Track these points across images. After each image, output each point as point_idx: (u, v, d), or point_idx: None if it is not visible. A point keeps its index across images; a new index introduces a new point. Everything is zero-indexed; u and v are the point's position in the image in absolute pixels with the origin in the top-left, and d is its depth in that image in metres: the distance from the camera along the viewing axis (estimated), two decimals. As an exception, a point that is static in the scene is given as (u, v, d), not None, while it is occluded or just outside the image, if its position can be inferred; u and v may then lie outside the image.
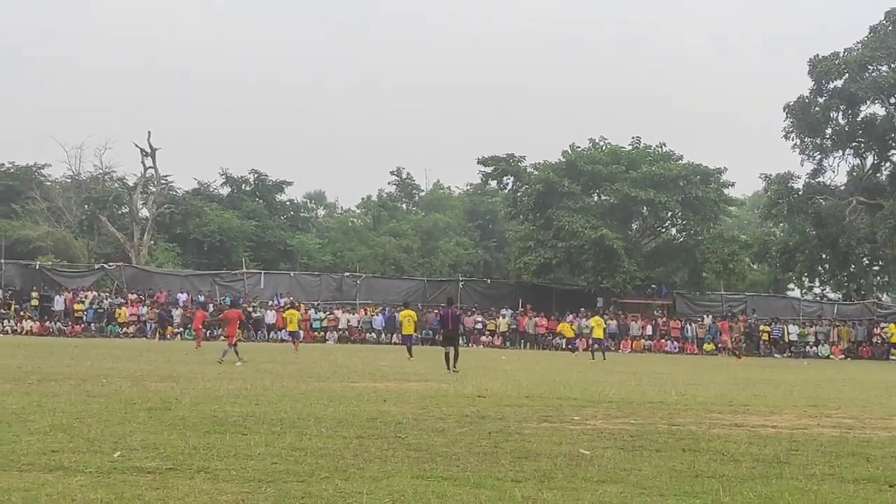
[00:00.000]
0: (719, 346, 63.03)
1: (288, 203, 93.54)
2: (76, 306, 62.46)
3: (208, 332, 56.89)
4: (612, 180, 70.17)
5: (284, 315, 54.03)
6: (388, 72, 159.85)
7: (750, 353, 64.14)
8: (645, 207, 72.01)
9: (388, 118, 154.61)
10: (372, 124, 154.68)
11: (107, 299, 63.85)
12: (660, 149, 73.78)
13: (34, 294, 62.74)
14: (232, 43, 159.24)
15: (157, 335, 60.74)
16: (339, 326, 64.53)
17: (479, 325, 65.42)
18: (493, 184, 79.52)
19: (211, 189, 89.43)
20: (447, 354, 33.44)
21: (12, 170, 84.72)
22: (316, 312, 64.20)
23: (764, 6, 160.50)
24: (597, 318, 52.25)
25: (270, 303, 65.40)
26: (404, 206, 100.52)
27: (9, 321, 60.43)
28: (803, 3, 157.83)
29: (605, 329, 52.99)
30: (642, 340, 65.48)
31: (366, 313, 66.30)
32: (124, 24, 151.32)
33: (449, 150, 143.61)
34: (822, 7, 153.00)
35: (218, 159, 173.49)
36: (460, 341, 38.92)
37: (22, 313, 61.33)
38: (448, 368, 32.62)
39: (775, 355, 63.61)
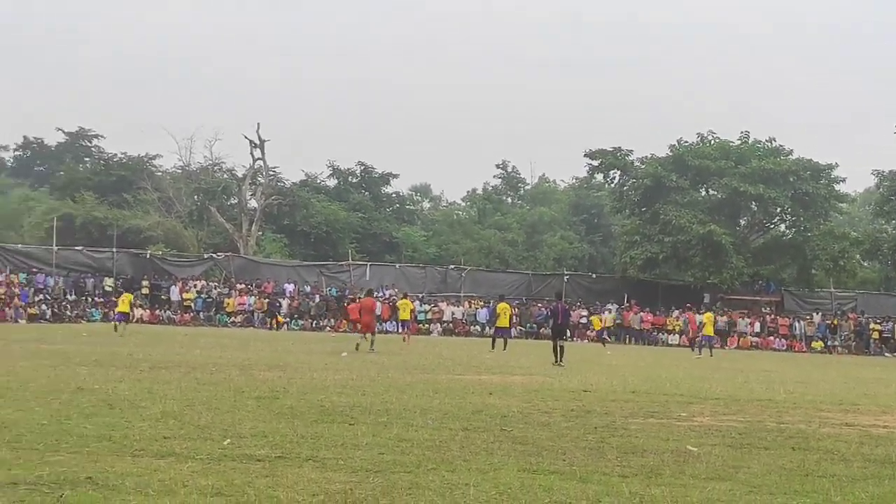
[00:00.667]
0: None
1: (394, 195, 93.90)
2: (185, 295, 63.46)
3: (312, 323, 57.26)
4: (721, 175, 69.34)
5: (398, 304, 54.29)
6: (495, 64, 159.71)
7: (861, 351, 63.13)
8: (754, 203, 71.01)
9: (494, 111, 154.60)
10: (478, 116, 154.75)
11: (215, 289, 64.77)
12: (769, 143, 72.73)
13: (144, 283, 63.83)
14: (339, 40, 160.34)
15: (274, 323, 61.59)
16: (444, 319, 64.72)
17: (584, 320, 65.07)
18: (600, 177, 79.14)
19: (318, 181, 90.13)
20: (555, 347, 33.96)
21: (125, 160, 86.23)
22: (421, 305, 64.37)
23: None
24: (709, 314, 51.76)
25: (376, 294, 65.77)
26: (509, 199, 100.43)
27: (120, 308, 61.58)
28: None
29: (715, 325, 52.64)
30: (749, 337, 64.67)
31: (470, 306, 66.37)
32: (236, 19, 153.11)
33: (555, 143, 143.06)
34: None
35: (325, 151, 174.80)
36: (568, 336, 39.33)
37: (133, 301, 62.40)
38: (555, 361, 33.00)
39: (886, 354, 62.44)
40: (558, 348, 33.78)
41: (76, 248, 65.65)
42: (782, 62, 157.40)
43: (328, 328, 61.77)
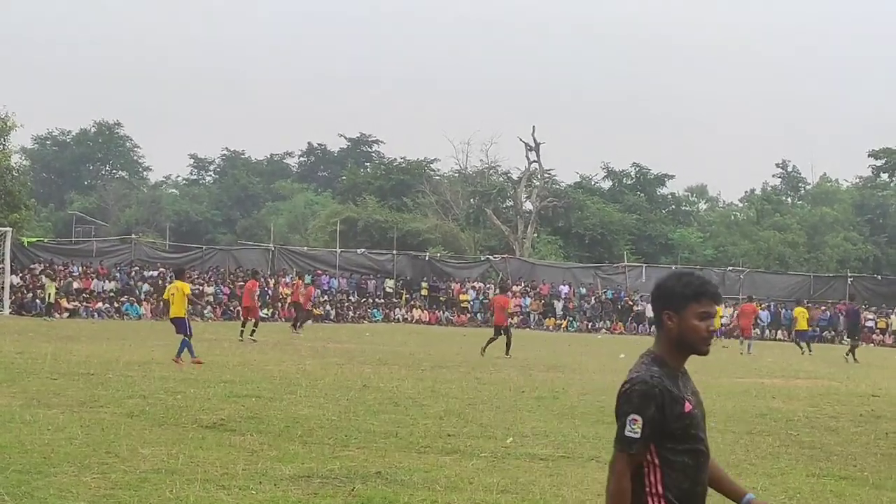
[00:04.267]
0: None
1: (669, 197, 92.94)
2: (462, 297, 64.45)
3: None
4: None
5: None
6: (771, 66, 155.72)
7: None
8: None
9: (773, 109, 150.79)
10: (757, 116, 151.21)
11: (492, 291, 65.54)
12: None
13: (423, 284, 65.13)
14: (612, 41, 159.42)
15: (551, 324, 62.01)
16: (723, 322, 63.50)
17: (871, 324, 62.69)
18: (885, 176, 76.36)
19: (593, 182, 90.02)
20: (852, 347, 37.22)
21: (404, 164, 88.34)
22: (698, 307, 63.31)
23: None
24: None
25: (652, 296, 65.25)
26: (789, 199, 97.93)
27: (400, 309, 63.06)
28: None
29: None
30: None
31: (749, 308, 64.92)
32: (510, 27, 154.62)
33: (837, 142, 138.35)
34: None
35: (600, 153, 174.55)
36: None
37: (412, 303, 63.87)
38: (847, 359, 35.53)
39: None
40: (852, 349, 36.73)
41: (358, 250, 67.58)
42: None
43: (603, 330, 61.67)
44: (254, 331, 33.77)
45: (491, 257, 71.04)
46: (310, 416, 14.44)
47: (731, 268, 71.59)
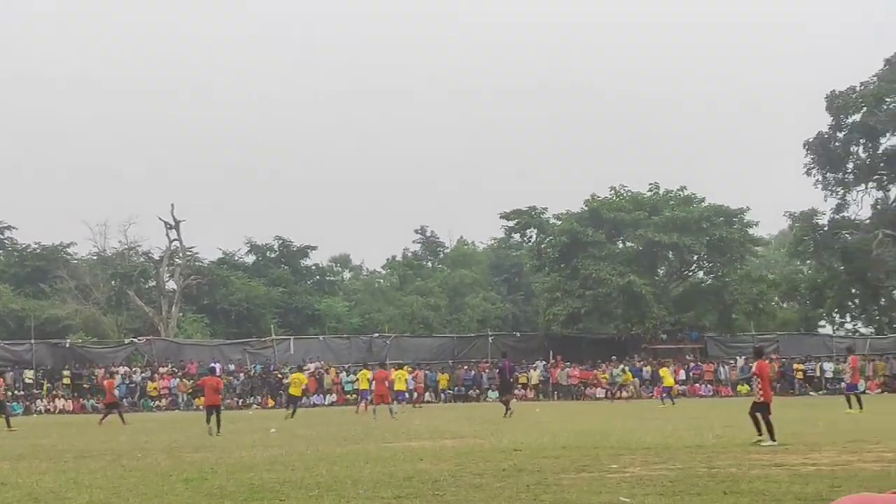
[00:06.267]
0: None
1: (314, 268, 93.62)
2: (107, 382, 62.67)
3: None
4: (636, 226, 70.06)
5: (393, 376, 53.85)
6: (405, 130, 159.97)
7: (786, 392, 63.56)
8: (670, 252, 71.70)
9: (410, 177, 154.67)
10: (393, 185, 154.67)
11: (138, 374, 64.01)
12: (681, 193, 73.58)
13: (66, 372, 62.88)
14: (248, 110, 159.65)
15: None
16: (371, 388, 64.33)
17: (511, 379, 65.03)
18: (517, 237, 79.77)
19: (236, 258, 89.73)
20: (506, 402, 39.12)
21: (39, 250, 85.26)
22: (347, 375, 63.99)
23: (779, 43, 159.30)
24: (665, 368, 55.90)
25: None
26: (430, 264, 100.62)
27: (42, 400, 60.63)
28: (817, 40, 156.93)
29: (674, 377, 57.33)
30: (675, 385, 64.83)
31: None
32: (140, 98, 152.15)
33: (471, 206, 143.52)
34: (835, 43, 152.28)
35: (242, 228, 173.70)
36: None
37: (54, 392, 61.51)
38: (506, 415, 37.14)
39: (811, 393, 62.99)
40: (509, 402, 38.94)
41: (-8, 342, 64.66)
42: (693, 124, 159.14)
43: (254, 405, 61.30)
44: None
45: (135, 340, 69.47)
46: (-60, 521, 13.65)
47: (377, 334, 72.73)
